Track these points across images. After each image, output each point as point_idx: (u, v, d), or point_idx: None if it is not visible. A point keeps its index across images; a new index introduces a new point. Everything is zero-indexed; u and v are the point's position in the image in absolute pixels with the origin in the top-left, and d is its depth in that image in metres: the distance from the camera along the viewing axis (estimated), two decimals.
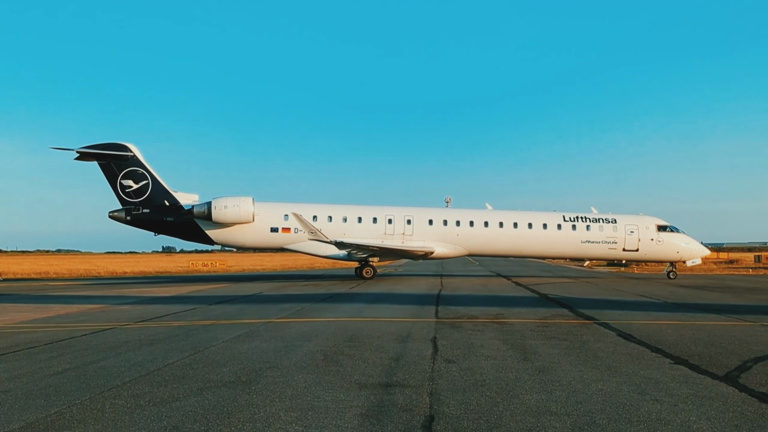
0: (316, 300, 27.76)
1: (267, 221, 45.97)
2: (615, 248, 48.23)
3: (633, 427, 8.25)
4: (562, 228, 47.87)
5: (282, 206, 46.98)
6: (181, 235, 47.95)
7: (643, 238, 47.91)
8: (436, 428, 8.19)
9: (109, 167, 45.43)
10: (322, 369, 11.94)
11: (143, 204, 45.57)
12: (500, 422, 8.42)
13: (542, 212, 49.43)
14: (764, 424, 8.35)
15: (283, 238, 46.34)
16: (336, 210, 47.66)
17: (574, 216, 48.42)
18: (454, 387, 10.40)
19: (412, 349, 14.18)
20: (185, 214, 45.60)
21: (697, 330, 17.78)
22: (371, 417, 8.66)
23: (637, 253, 48.64)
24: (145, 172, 45.66)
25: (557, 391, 10.11)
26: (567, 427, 8.24)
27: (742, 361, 12.85)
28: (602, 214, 49.16)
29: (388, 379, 10.99)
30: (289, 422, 8.42)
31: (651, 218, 49.12)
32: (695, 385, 10.59)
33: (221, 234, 46.03)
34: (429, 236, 47.15)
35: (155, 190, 45.75)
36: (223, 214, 44.62)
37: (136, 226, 46.31)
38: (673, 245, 48.25)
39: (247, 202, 45.21)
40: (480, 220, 47.78)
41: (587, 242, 47.92)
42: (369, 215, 47.44)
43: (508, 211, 49.09)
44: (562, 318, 20.69)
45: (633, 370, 11.97)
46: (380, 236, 46.67)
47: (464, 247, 48.03)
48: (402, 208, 48.57)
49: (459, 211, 49.02)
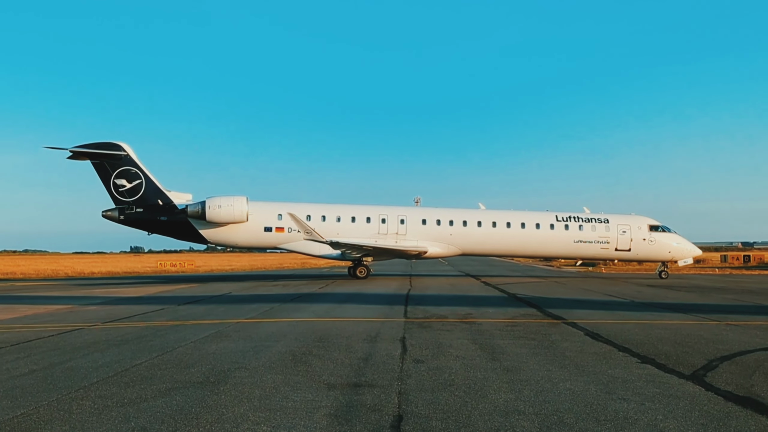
0: (285, 300, 27.70)
1: (261, 221, 45.98)
2: (607, 248, 48.41)
3: (600, 425, 8.30)
4: (554, 228, 48.06)
5: (276, 206, 47.12)
6: (175, 235, 47.92)
7: (635, 237, 48.18)
8: (404, 428, 8.20)
9: (103, 167, 45.31)
10: (290, 369, 11.92)
11: (137, 203, 45.48)
12: (469, 422, 8.44)
13: (535, 212, 49.62)
14: (730, 423, 8.42)
15: (277, 237, 46.44)
16: (329, 210, 47.73)
17: (566, 216, 48.62)
18: (423, 387, 10.41)
19: (380, 349, 14.18)
20: (179, 214, 45.53)
21: (663, 329, 17.91)
22: (340, 417, 8.65)
23: (629, 253, 48.88)
24: (139, 172, 45.61)
25: (525, 391, 10.14)
26: (535, 426, 8.27)
27: (708, 360, 12.96)
28: (594, 214, 49.42)
29: (356, 379, 10.98)
30: (257, 423, 8.40)
31: (643, 218, 49.41)
32: (662, 384, 10.67)
33: (215, 233, 46.07)
34: (422, 236, 47.25)
35: (149, 190, 45.64)
36: (217, 214, 44.58)
37: (130, 225, 46.29)
38: (665, 245, 48.57)
39: (241, 201, 45.16)
40: (473, 219, 47.89)
41: (580, 242, 48.12)
42: (362, 215, 47.53)
43: (501, 211, 49.26)
44: (530, 317, 20.77)
45: (600, 369, 12.04)
46: (374, 236, 46.77)
47: (457, 247, 48.13)
48: (395, 208, 48.72)
49: (452, 210, 48.94)
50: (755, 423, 8.43)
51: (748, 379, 11.16)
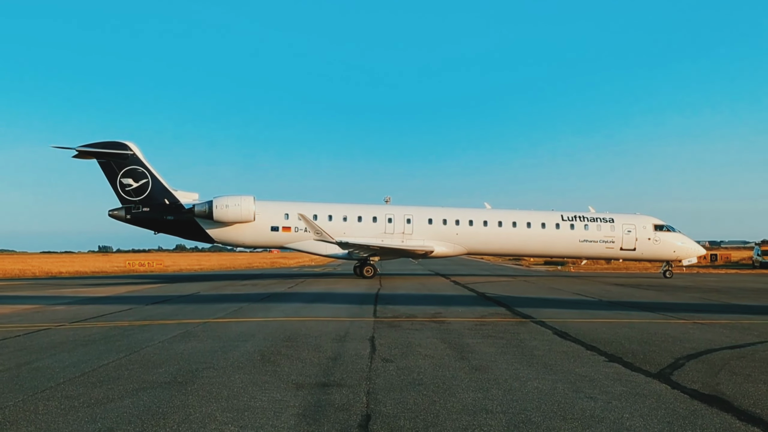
0: (255, 300, 27.62)
1: (267, 220, 46.01)
2: (612, 247, 48.44)
3: (567, 424, 8.33)
4: (560, 227, 48.09)
5: (282, 205, 47.23)
6: (181, 234, 47.91)
7: (640, 237, 48.26)
8: (372, 427, 8.19)
9: (109, 166, 45.24)
10: (259, 369, 11.88)
11: (143, 203, 45.45)
12: (437, 421, 8.45)
13: (541, 211, 49.63)
14: (695, 421, 8.47)
15: (284, 237, 46.51)
16: (336, 209, 47.73)
17: (572, 215, 48.65)
18: (391, 386, 10.41)
19: (349, 349, 14.17)
20: (186, 213, 45.52)
21: (631, 328, 18.02)
22: (308, 417, 8.63)
23: (634, 252, 48.98)
24: (145, 171, 45.52)
25: (493, 390, 10.17)
26: (503, 425, 8.29)
27: (675, 359, 13.05)
28: (600, 213, 49.50)
29: (325, 379, 10.96)
30: (224, 423, 8.37)
31: (648, 217, 49.51)
32: (629, 383, 10.73)
33: (222, 233, 46.15)
34: (428, 235, 47.26)
35: (155, 189, 45.63)
36: (225, 213, 44.62)
37: (136, 224, 46.22)
38: (669, 244, 48.74)
39: (249, 201, 45.17)
40: (479, 219, 47.90)
41: (585, 241, 48.16)
42: (369, 214, 47.54)
43: (507, 211, 49.25)
44: (499, 316, 20.83)
45: (568, 367, 12.10)
46: (380, 235, 46.79)
47: (463, 246, 48.16)
48: (402, 207, 48.78)
49: (458, 210, 49.00)
50: (720, 421, 8.49)
51: (714, 377, 11.24)
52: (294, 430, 8.08)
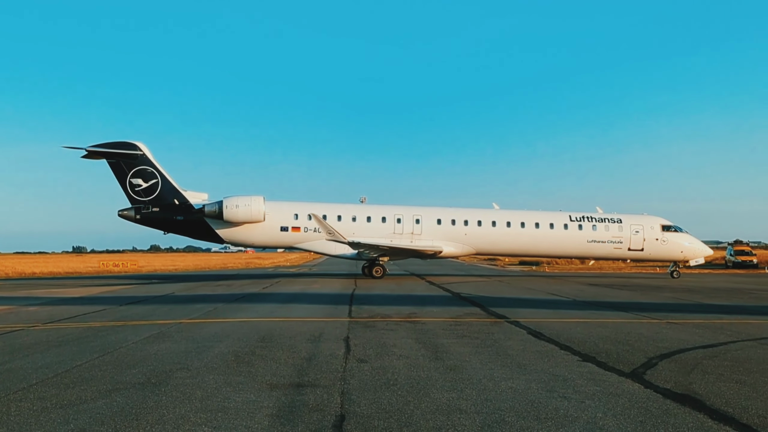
0: (229, 300, 27.54)
1: (277, 220, 46.18)
2: (620, 248, 48.54)
3: (541, 424, 8.36)
4: (568, 228, 48.20)
5: (292, 205, 47.44)
6: (191, 234, 48.05)
7: (648, 237, 48.37)
8: (346, 428, 8.19)
9: (119, 166, 45.43)
10: (233, 370, 11.85)
11: (153, 203, 45.64)
12: (411, 421, 8.46)
13: (549, 212, 49.85)
14: (668, 420, 8.53)
15: (293, 237, 46.66)
16: (345, 209, 47.85)
17: (580, 216, 48.77)
18: (366, 386, 10.41)
19: (324, 349, 14.16)
20: (195, 213, 45.69)
21: (605, 328, 18.12)
22: (282, 417, 8.62)
23: (642, 253, 49.08)
24: (155, 171, 45.72)
25: (467, 390, 10.19)
26: (476, 425, 8.31)
27: (648, 358, 13.13)
28: (607, 213, 49.63)
29: (299, 380, 10.95)
30: (198, 424, 8.34)
31: (656, 218, 49.64)
32: (602, 382, 10.79)
33: (231, 233, 46.33)
34: (437, 235, 47.35)
35: (165, 189, 45.81)
36: (235, 214, 44.77)
37: (146, 224, 46.39)
38: (677, 245, 48.85)
39: (258, 201, 45.32)
40: (488, 219, 47.98)
41: (593, 242, 48.24)
42: (378, 214, 47.67)
43: (516, 211, 49.39)
44: (473, 316, 20.87)
45: (542, 367, 12.14)
46: (389, 235, 46.87)
47: (472, 247, 48.32)
48: (410, 208, 48.84)
49: (467, 210, 49.04)
50: (693, 420, 8.55)
51: (687, 376, 11.32)
52: (268, 431, 8.07)
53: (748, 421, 8.51)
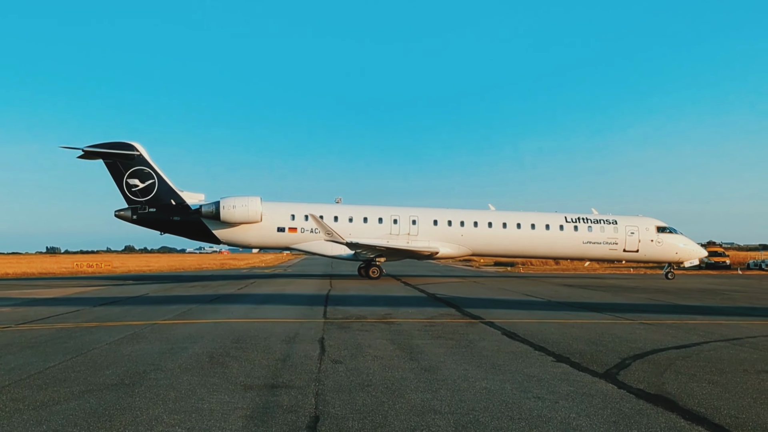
0: (204, 301, 27.44)
1: (274, 221, 46.42)
2: (616, 249, 48.86)
3: (515, 424, 8.39)
4: (564, 229, 48.49)
5: (289, 206, 47.69)
6: (188, 235, 48.29)
7: (643, 239, 48.70)
8: (321, 429, 8.19)
9: (116, 166, 45.64)
10: (207, 371, 11.82)
11: (149, 203, 45.84)
12: (385, 422, 8.47)
13: (545, 213, 50.12)
14: (641, 420, 8.58)
15: (290, 237, 46.86)
16: (342, 210, 48.05)
17: (575, 217, 49.11)
18: (341, 387, 10.41)
19: (299, 350, 14.14)
20: (192, 214, 45.85)
21: (579, 328, 18.21)
22: (256, 419, 8.61)
23: (637, 254, 49.36)
24: (152, 172, 45.93)
25: (442, 390, 10.21)
26: (450, 425, 8.33)
27: (622, 359, 13.21)
28: (603, 215, 49.92)
29: (274, 381, 10.94)
30: (172, 425, 8.32)
31: (651, 219, 49.98)
32: (576, 383, 10.85)
33: (228, 233, 46.50)
34: (434, 236, 47.56)
35: (161, 190, 45.96)
36: (232, 214, 44.97)
37: (143, 225, 46.61)
38: (672, 246, 49.16)
39: (256, 202, 45.52)
40: (484, 220, 48.23)
41: (589, 243, 48.57)
42: (374, 215, 47.86)
43: (511, 212, 49.66)
44: (448, 317, 20.90)
45: (516, 368, 12.19)
46: (385, 236, 47.09)
47: (468, 248, 48.53)
48: (407, 209, 48.99)
49: (463, 211, 49.22)
50: (665, 420, 8.61)
51: (660, 377, 11.39)
52: None
53: (720, 421, 8.57)
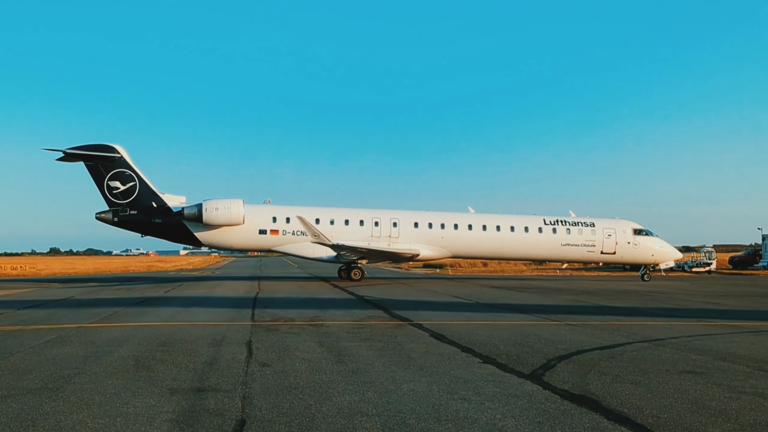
0: (130, 304, 27.12)
1: (256, 223, 46.33)
2: (593, 251, 49.41)
3: (441, 425, 8.44)
4: (543, 231, 48.90)
5: (271, 209, 47.76)
6: (169, 237, 48.27)
7: (620, 241, 49.19)
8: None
9: (97, 168, 45.35)
10: (132, 374, 11.70)
11: (130, 205, 45.51)
12: (312, 424, 8.45)
13: (523, 216, 50.56)
14: (565, 421, 8.69)
15: (272, 240, 46.85)
16: (324, 212, 47.92)
17: (554, 219, 49.52)
18: (268, 390, 10.38)
19: (226, 353, 14.07)
20: (174, 216, 45.59)
21: (505, 330, 18.38)
22: (182, 422, 8.54)
23: (614, 256, 50.10)
24: (133, 174, 45.62)
25: (369, 392, 10.23)
26: (377, 427, 8.34)
27: (547, 360, 13.36)
28: (580, 217, 50.35)
29: (200, 384, 10.87)
30: (96, 429, 8.22)
31: (627, 222, 50.47)
32: (502, 384, 10.94)
33: (210, 236, 46.31)
34: (414, 239, 47.75)
35: (143, 192, 45.66)
36: (214, 216, 44.78)
37: (124, 227, 46.36)
38: (648, 248, 49.79)
39: (238, 204, 45.39)
40: (464, 223, 48.50)
41: (567, 245, 49.04)
42: (356, 218, 47.89)
43: (491, 215, 50.13)
44: (377, 319, 20.95)
45: (444, 369, 12.25)
46: (367, 239, 47.12)
47: (448, 250, 48.73)
48: (388, 211, 49.13)
49: (444, 214, 49.44)
50: (589, 421, 8.73)
51: (584, 377, 11.56)
52: None
53: (642, 421, 8.71)
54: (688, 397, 10.12)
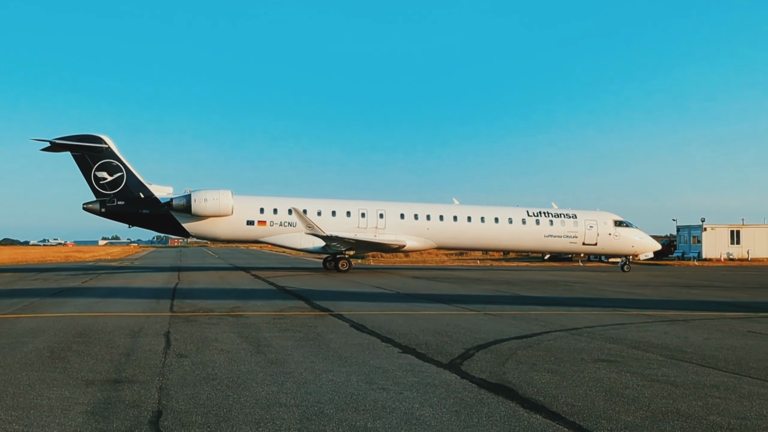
0: (46, 295, 26.67)
1: (244, 214, 46.08)
2: (575, 242, 49.96)
3: (359, 415, 8.46)
4: (526, 223, 49.27)
5: (259, 200, 47.81)
6: (157, 228, 48.97)
7: (601, 232, 49.71)
8: (163, 423, 8.08)
9: (84, 159, 44.90)
10: (47, 366, 11.52)
11: (118, 196, 45.08)
12: (229, 415, 8.41)
13: (507, 207, 51.07)
14: (482, 409, 8.77)
15: (259, 231, 46.72)
16: (311, 203, 47.73)
17: (537, 211, 49.93)
18: (185, 381, 10.30)
19: (143, 344, 13.93)
20: (162, 207, 45.29)
21: (426, 320, 18.50)
22: (97, 414, 8.43)
23: (595, 247, 50.90)
24: (120, 165, 45.22)
25: (288, 383, 10.21)
26: (295, 417, 8.33)
27: (466, 349, 13.47)
28: (562, 209, 50.90)
29: (117, 375, 10.74)
30: (8, 422, 8.07)
31: (608, 214, 50.98)
32: (420, 373, 11.01)
33: (198, 226, 46.03)
34: (400, 230, 47.88)
35: (130, 183, 45.29)
36: (203, 207, 44.43)
37: (111, 218, 46.39)
38: (628, 240, 50.32)
39: (227, 195, 45.13)
40: (449, 214, 48.82)
41: (550, 236, 49.49)
42: (343, 209, 47.93)
43: (476, 207, 50.69)
44: (298, 310, 20.92)
45: (363, 359, 12.29)
46: (353, 229, 47.03)
47: (434, 241, 49.04)
48: (375, 203, 49.21)
49: (429, 205, 49.93)
50: (505, 408, 8.83)
51: (501, 366, 11.68)
52: (82, 428, 7.88)
53: (557, 409, 8.84)
54: (602, 385, 10.29)
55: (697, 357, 12.89)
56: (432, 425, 8.08)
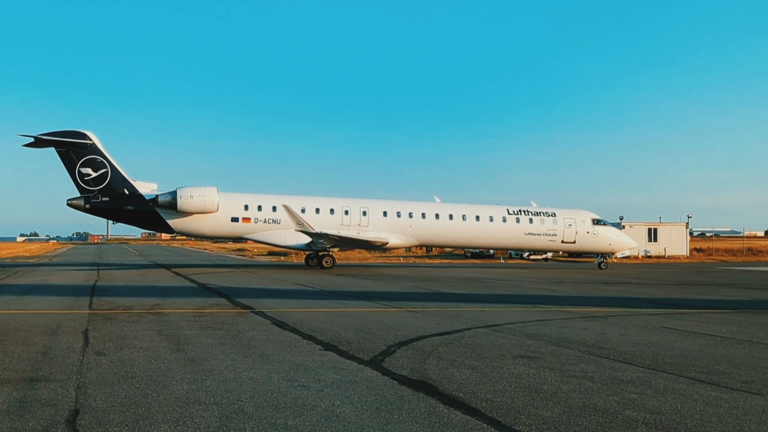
0: None
1: (229, 211, 46.21)
2: (554, 240, 50.88)
3: (279, 413, 8.43)
4: (506, 221, 50.10)
5: (244, 197, 48.02)
6: (141, 224, 49.15)
7: (580, 231, 50.57)
8: (80, 422, 7.96)
9: (68, 155, 44.85)
10: None
11: (102, 192, 44.97)
12: (148, 414, 8.32)
13: (488, 205, 51.99)
14: (402, 406, 8.80)
15: (243, 227, 47.16)
16: (295, 201, 47.45)
17: (517, 209, 50.72)
18: (103, 380, 10.16)
19: (61, 342, 13.72)
20: (146, 203, 45.18)
21: (348, 317, 18.52)
22: (12, 413, 8.28)
23: (574, 245, 51.64)
24: (104, 161, 45.29)
25: (208, 381, 10.14)
26: (215, 415, 8.28)
27: (387, 346, 13.51)
28: (542, 208, 51.58)
29: (33, 374, 10.56)
30: None
31: (586, 212, 51.82)
32: (342, 371, 11.02)
33: (183, 223, 46.04)
34: (383, 227, 48.40)
35: (114, 179, 45.31)
36: (189, 204, 44.51)
37: (96, 214, 46.48)
38: (606, 238, 51.28)
39: (212, 192, 45.22)
40: (431, 212, 49.53)
41: (530, 234, 50.35)
42: (327, 206, 48.42)
43: (458, 205, 51.37)
44: (219, 307, 20.79)
45: (284, 357, 12.25)
46: (337, 227, 47.38)
47: (416, 238, 49.88)
48: (358, 200, 49.73)
49: (412, 203, 50.44)
50: (425, 405, 8.88)
51: (423, 363, 11.75)
52: None
53: (477, 405, 8.91)
54: (521, 381, 10.41)
55: (615, 353, 13.13)
56: (352, 422, 8.09)
